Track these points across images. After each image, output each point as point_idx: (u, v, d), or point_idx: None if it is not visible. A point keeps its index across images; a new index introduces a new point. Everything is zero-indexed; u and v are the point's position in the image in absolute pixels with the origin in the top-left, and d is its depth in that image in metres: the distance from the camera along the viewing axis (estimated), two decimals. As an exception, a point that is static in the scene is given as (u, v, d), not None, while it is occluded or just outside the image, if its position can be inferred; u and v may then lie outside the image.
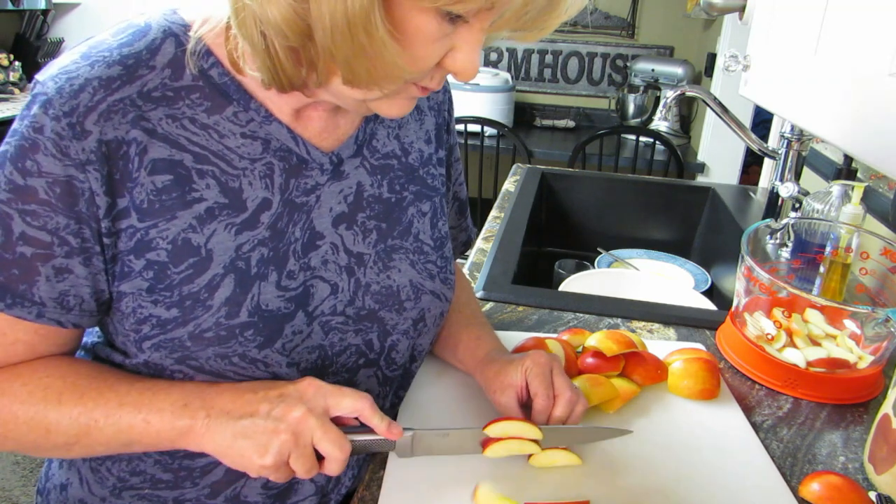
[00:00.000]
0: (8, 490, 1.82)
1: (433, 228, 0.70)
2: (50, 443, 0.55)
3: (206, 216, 0.55)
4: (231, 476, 0.64)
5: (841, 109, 0.65)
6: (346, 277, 0.63)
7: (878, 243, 0.90)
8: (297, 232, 0.60)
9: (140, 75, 0.53)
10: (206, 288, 0.55)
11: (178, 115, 0.54)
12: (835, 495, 0.62)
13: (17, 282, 0.52)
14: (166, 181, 0.54)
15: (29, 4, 2.53)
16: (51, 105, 0.50)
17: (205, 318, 0.55)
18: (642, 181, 1.70)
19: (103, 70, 0.52)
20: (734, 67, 1.00)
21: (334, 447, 0.54)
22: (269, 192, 0.58)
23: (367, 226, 0.64)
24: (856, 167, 1.26)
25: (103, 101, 0.51)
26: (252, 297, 0.57)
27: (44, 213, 0.51)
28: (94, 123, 0.51)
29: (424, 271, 0.68)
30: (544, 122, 3.10)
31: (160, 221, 0.54)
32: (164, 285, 0.55)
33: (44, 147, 0.50)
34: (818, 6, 0.72)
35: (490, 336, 0.78)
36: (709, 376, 0.77)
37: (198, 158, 0.55)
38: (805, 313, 0.88)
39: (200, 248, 0.55)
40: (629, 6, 3.06)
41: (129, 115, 0.52)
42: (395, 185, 0.67)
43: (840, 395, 0.81)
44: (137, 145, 0.53)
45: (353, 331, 0.64)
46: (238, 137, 0.57)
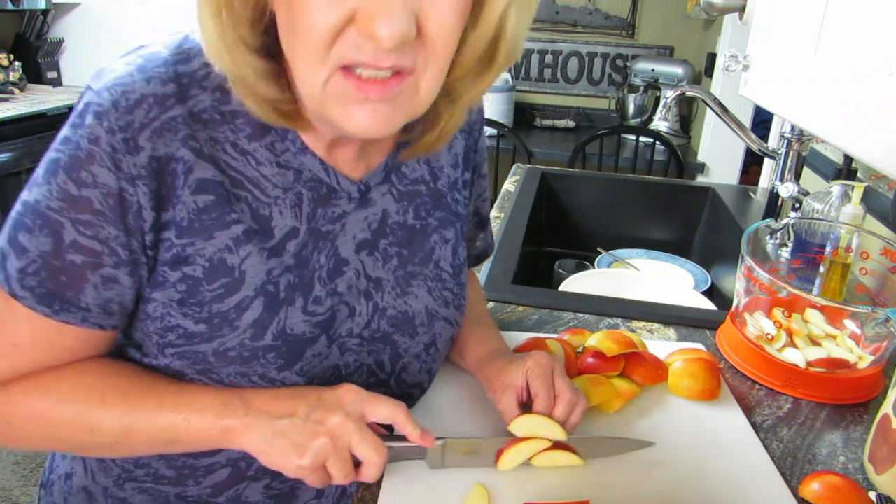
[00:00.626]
0: (8, 490, 1.82)
1: (454, 255, 0.70)
2: (95, 442, 0.57)
3: (242, 238, 0.56)
4: (234, 478, 0.64)
5: (841, 109, 0.65)
6: (365, 302, 0.64)
7: (878, 243, 0.90)
8: (322, 259, 0.61)
9: (192, 95, 0.54)
10: (236, 309, 0.56)
11: (221, 139, 0.55)
12: (835, 495, 0.62)
13: (64, 289, 0.53)
14: (208, 201, 0.55)
15: (29, 4, 2.53)
16: (106, 117, 0.50)
17: (230, 338, 0.56)
18: (642, 181, 1.70)
19: (159, 87, 0.52)
20: (734, 67, 1.00)
21: (372, 451, 0.55)
22: (297, 221, 0.59)
23: (388, 252, 0.65)
24: (856, 167, 1.26)
25: (157, 118, 0.52)
26: (278, 322, 0.58)
27: (97, 223, 0.52)
28: (147, 140, 0.51)
29: (441, 298, 0.68)
30: (544, 122, 3.10)
31: (198, 240, 0.55)
32: (195, 300, 0.56)
33: (100, 159, 0.51)
34: (818, 6, 0.72)
35: (494, 336, 0.78)
36: (709, 377, 0.77)
37: (234, 183, 0.56)
38: (805, 313, 0.88)
39: (234, 269, 0.56)
40: (629, 6, 3.06)
41: (179, 134, 0.53)
42: (422, 211, 0.67)
43: (840, 395, 0.81)
44: (184, 164, 0.53)
45: (366, 351, 0.65)
46: (273, 166, 0.57)
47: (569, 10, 3.11)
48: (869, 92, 0.60)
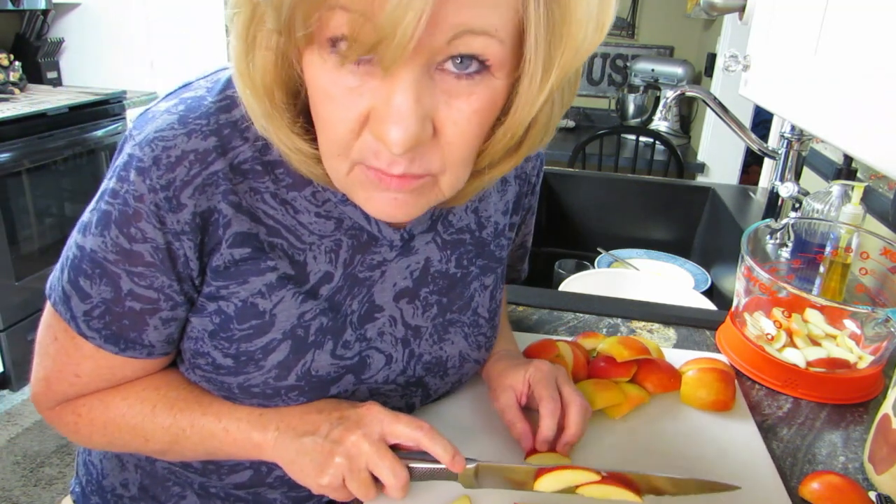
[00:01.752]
0: (8, 490, 1.82)
1: (491, 300, 0.69)
2: (148, 449, 0.61)
3: (276, 284, 0.56)
4: (254, 481, 0.65)
5: (841, 109, 0.65)
6: (402, 349, 0.64)
7: (878, 243, 0.90)
8: (355, 304, 0.61)
9: (234, 147, 0.53)
10: (263, 350, 0.57)
11: (261, 189, 0.55)
12: (835, 495, 0.62)
13: (128, 330, 0.56)
14: (244, 253, 0.55)
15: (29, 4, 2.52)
16: (148, 175, 0.50)
17: (255, 376, 0.58)
18: (642, 181, 1.70)
19: (200, 142, 0.51)
20: (734, 67, 1.00)
21: (388, 473, 0.54)
22: (331, 266, 0.59)
23: (429, 300, 0.64)
24: (856, 167, 1.26)
25: (199, 175, 0.51)
26: (304, 364, 0.58)
27: (150, 275, 0.53)
28: (189, 197, 0.51)
29: (475, 343, 0.68)
30: (544, 122, 3.09)
31: (232, 284, 0.56)
32: (225, 335, 0.57)
33: (146, 216, 0.51)
34: (818, 6, 0.72)
35: (504, 337, 0.77)
36: (723, 387, 0.76)
37: (271, 231, 0.56)
38: (805, 313, 0.88)
39: (266, 313, 0.57)
40: (629, 6, 3.06)
41: (220, 188, 0.53)
42: (464, 259, 0.66)
43: (840, 395, 0.81)
44: (224, 217, 0.53)
45: (398, 395, 0.66)
46: (312, 216, 0.57)
47: (569, 10, 3.11)
48: (869, 92, 0.60)
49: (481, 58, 0.42)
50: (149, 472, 0.68)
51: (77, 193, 2.41)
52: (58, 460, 1.94)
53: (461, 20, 0.39)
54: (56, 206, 2.35)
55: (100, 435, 0.61)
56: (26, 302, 2.21)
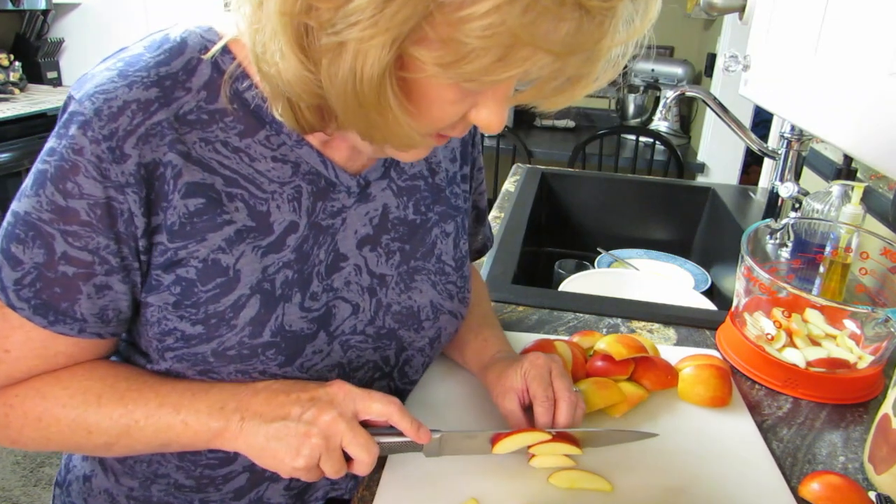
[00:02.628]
0: (8, 490, 1.82)
1: (455, 248, 0.70)
2: (91, 443, 0.57)
3: (235, 238, 0.56)
4: (254, 482, 0.65)
5: (841, 109, 0.65)
6: (368, 298, 0.64)
7: (878, 243, 0.90)
8: (322, 254, 0.60)
9: (176, 97, 0.53)
10: (232, 308, 0.56)
11: (211, 139, 0.54)
12: (835, 495, 0.62)
13: (59, 300, 0.53)
14: (199, 205, 0.54)
15: (29, 4, 2.52)
16: (89, 127, 0.50)
17: (228, 337, 0.56)
18: (642, 181, 1.70)
19: (141, 92, 0.51)
20: (734, 67, 1.00)
21: (362, 451, 0.55)
22: (296, 214, 0.58)
23: (391, 247, 0.65)
24: (856, 167, 1.26)
25: (142, 124, 0.51)
26: (276, 318, 0.58)
27: (85, 234, 0.52)
28: (132, 147, 0.51)
29: (445, 292, 0.69)
30: (544, 122, 3.10)
31: (191, 243, 0.55)
32: (190, 302, 0.56)
33: (84, 169, 0.50)
34: (818, 6, 0.72)
35: (497, 338, 0.77)
36: (720, 383, 0.76)
37: (228, 182, 0.55)
38: (805, 313, 0.88)
39: (229, 269, 0.56)
40: (629, 6, 3.05)
41: (166, 138, 0.52)
42: (421, 206, 0.67)
43: (840, 395, 0.81)
44: (173, 168, 0.53)
45: (371, 348, 0.65)
46: (269, 161, 0.57)
47: (569, 10, 3.11)
48: (869, 92, 0.60)
49: None
50: (144, 500, 0.66)
51: (77, 193, 2.40)
52: (58, 460, 1.93)
53: None
54: (56, 206, 2.35)
55: (32, 429, 0.57)
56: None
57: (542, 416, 0.64)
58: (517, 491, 0.61)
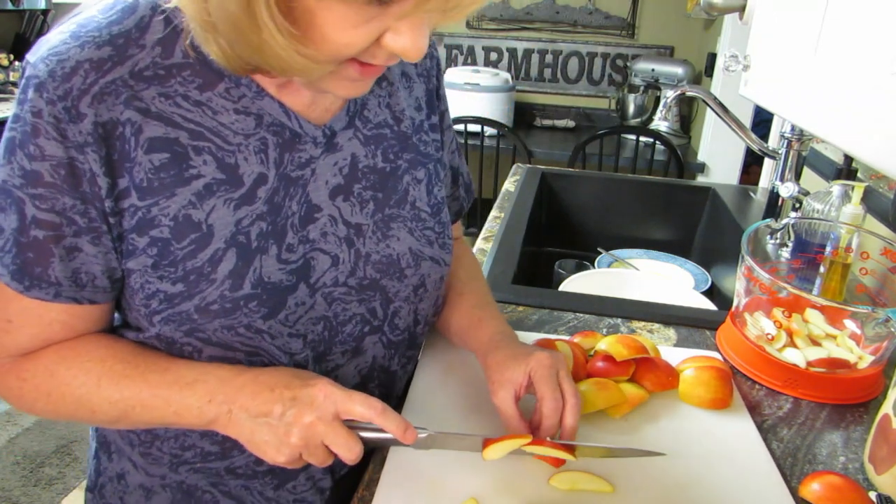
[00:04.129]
0: (8, 490, 1.82)
1: (429, 195, 0.70)
2: (97, 420, 0.60)
3: (204, 192, 0.56)
4: None
5: (841, 109, 0.65)
6: (346, 248, 0.63)
7: (878, 243, 0.90)
8: (294, 206, 0.61)
9: (130, 55, 0.53)
10: (209, 262, 0.57)
11: (171, 94, 0.55)
12: (835, 495, 0.62)
13: (32, 264, 0.54)
14: (164, 159, 0.55)
15: (29, 4, 2.53)
16: (44, 89, 0.51)
17: (209, 292, 0.57)
18: (642, 181, 1.70)
19: (93, 51, 0.52)
20: (734, 67, 1.00)
21: (343, 450, 0.56)
22: (264, 166, 0.59)
23: (363, 196, 0.65)
24: (856, 167, 1.26)
25: (95, 83, 0.52)
26: (254, 270, 0.58)
27: (50, 196, 0.53)
28: (88, 106, 0.51)
29: (423, 238, 0.68)
30: (544, 122, 3.10)
31: (160, 199, 0.55)
32: (167, 261, 0.56)
33: (45, 131, 0.51)
34: (818, 6, 0.72)
35: (493, 317, 0.76)
36: (721, 385, 0.76)
37: (193, 135, 0.56)
38: (805, 313, 0.88)
39: (201, 224, 0.56)
40: (629, 6, 3.06)
41: (121, 96, 0.53)
42: (389, 153, 0.67)
43: (840, 395, 0.81)
44: (132, 125, 0.53)
45: (356, 300, 0.65)
46: (231, 113, 0.57)
47: (569, 10, 3.11)
48: (869, 92, 0.60)
49: None
50: (178, 482, 0.68)
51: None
52: (58, 460, 1.94)
53: None
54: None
55: (44, 402, 0.60)
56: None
57: (550, 418, 0.63)
58: (517, 491, 0.61)
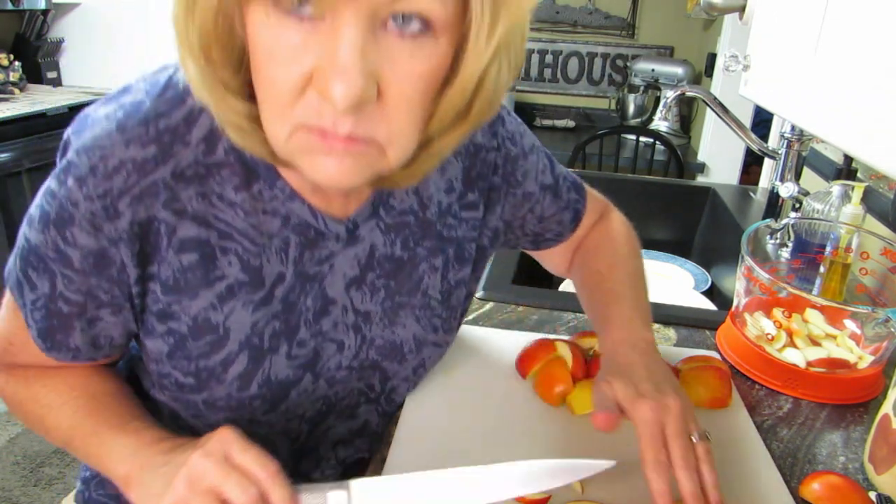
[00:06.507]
0: (8, 490, 1.82)
1: (443, 281, 0.68)
2: (51, 440, 0.62)
3: (226, 294, 0.56)
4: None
5: (841, 109, 0.65)
6: (353, 335, 0.63)
7: (878, 243, 0.90)
8: (309, 301, 0.60)
9: (174, 153, 0.52)
10: (221, 364, 0.57)
11: (208, 193, 0.54)
12: (835, 495, 0.62)
13: (56, 331, 0.56)
14: (192, 260, 0.54)
15: (29, 4, 2.52)
16: (84, 183, 0.50)
17: (217, 390, 0.58)
18: (642, 181, 1.70)
19: (138, 150, 0.50)
20: (734, 67, 1.00)
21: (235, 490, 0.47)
22: (283, 265, 0.58)
23: (375, 284, 0.63)
24: (856, 167, 1.26)
25: (136, 184, 0.51)
26: (263, 371, 0.59)
27: (78, 280, 0.53)
28: (126, 206, 0.51)
29: (429, 325, 0.67)
30: (544, 122, 3.10)
31: (183, 299, 0.55)
32: (182, 353, 0.57)
33: (79, 222, 0.51)
34: (818, 6, 0.72)
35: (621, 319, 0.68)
36: (720, 385, 0.76)
37: (223, 236, 0.55)
38: (805, 313, 0.88)
39: (219, 327, 0.57)
40: (629, 6, 3.06)
41: (161, 197, 0.52)
42: (409, 242, 0.64)
43: (840, 395, 0.81)
44: (167, 225, 0.53)
45: (355, 378, 0.66)
46: (260, 214, 0.56)
47: (569, 10, 3.11)
48: (869, 92, 0.60)
49: (424, 16, 0.41)
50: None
51: (77, 193, 2.40)
52: (58, 460, 1.94)
53: None
54: (56, 206, 2.35)
55: (19, 409, 0.63)
56: (26, 302, 2.21)
57: (656, 483, 0.54)
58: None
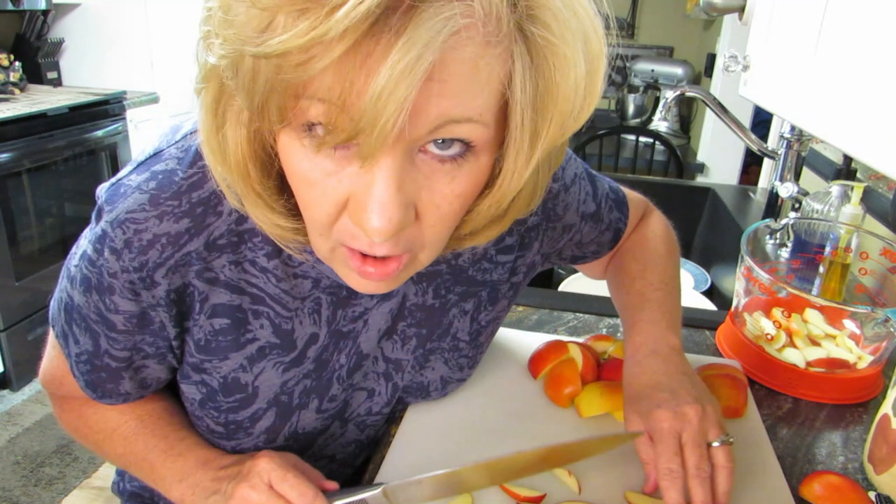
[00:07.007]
0: (8, 490, 1.82)
1: (472, 322, 0.67)
2: (107, 459, 0.66)
3: (257, 356, 0.57)
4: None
5: (841, 109, 0.65)
6: (384, 382, 0.64)
7: (878, 243, 0.90)
8: (343, 359, 0.61)
9: (208, 224, 0.51)
10: (250, 419, 0.59)
11: (241, 260, 0.54)
12: (835, 495, 0.62)
13: (104, 382, 0.59)
14: (224, 324, 0.55)
15: (29, 4, 2.52)
16: (121, 257, 0.50)
17: (245, 441, 0.60)
18: (642, 181, 1.70)
19: (172, 224, 0.50)
20: (734, 67, 1.00)
21: None
22: (316, 326, 0.58)
23: (407, 333, 0.64)
24: (855, 167, 1.26)
25: (171, 257, 0.51)
26: (290, 426, 0.60)
27: (123, 340, 0.55)
28: (162, 277, 0.52)
29: (456, 366, 0.69)
30: (544, 122, 3.09)
31: (214, 360, 0.57)
32: (213, 405, 0.59)
33: (119, 291, 0.52)
34: (818, 6, 0.72)
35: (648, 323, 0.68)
36: (734, 394, 0.74)
37: (255, 300, 0.55)
38: (805, 313, 0.88)
39: (248, 386, 0.58)
40: (629, 6, 3.06)
41: (194, 267, 0.52)
42: (441, 290, 0.64)
43: (840, 395, 0.81)
44: (199, 293, 0.54)
45: (384, 421, 0.68)
46: (291, 279, 0.56)
47: (569, 10, 3.11)
48: (869, 92, 0.60)
49: (465, 140, 0.40)
50: None
51: (77, 194, 2.41)
52: (58, 460, 1.94)
53: (444, 110, 0.37)
54: (56, 207, 2.35)
55: (77, 435, 0.66)
56: (26, 302, 2.21)
57: (668, 493, 0.55)
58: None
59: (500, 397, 0.75)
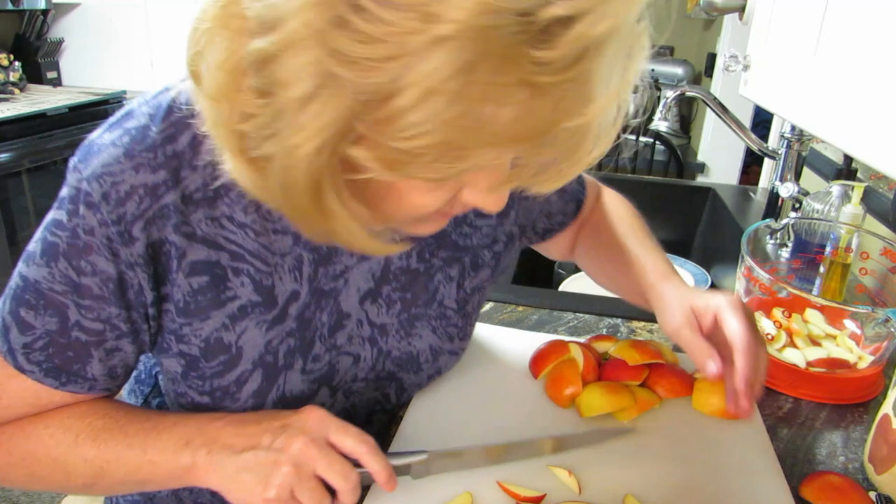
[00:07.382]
0: (8, 490, 1.82)
1: (459, 290, 0.68)
2: (72, 483, 0.57)
3: (238, 314, 0.56)
4: None
5: (841, 109, 0.65)
6: (370, 347, 0.64)
7: (878, 243, 0.90)
8: (325, 317, 0.60)
9: (183, 177, 0.52)
10: (235, 383, 0.57)
11: (217, 216, 0.54)
12: (835, 495, 0.62)
13: (71, 362, 0.54)
14: (203, 282, 0.54)
15: (29, 4, 2.52)
16: (97, 210, 0.50)
17: (233, 409, 0.58)
18: (642, 181, 1.70)
19: (148, 175, 0.50)
20: (734, 67, 1.00)
21: (339, 477, 0.52)
22: (297, 283, 0.58)
23: (391, 297, 0.64)
24: (856, 167, 1.26)
25: (149, 208, 0.51)
26: (277, 388, 0.59)
27: (97, 307, 0.53)
28: (140, 230, 0.51)
29: (445, 335, 0.68)
30: (544, 122, 3.09)
31: (194, 321, 0.55)
32: (196, 374, 0.57)
33: (97, 248, 0.51)
34: (818, 6, 0.72)
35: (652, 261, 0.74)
36: None
37: (234, 257, 0.55)
38: (805, 313, 0.88)
39: (231, 346, 0.57)
40: (629, 6, 3.05)
41: (171, 220, 0.52)
42: (425, 253, 0.65)
43: (840, 395, 0.81)
44: (177, 249, 0.53)
45: (371, 388, 0.66)
46: (271, 234, 0.56)
47: (569, 10, 3.11)
48: (869, 92, 0.60)
49: None
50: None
51: (77, 193, 2.41)
52: (58, 460, 1.94)
53: None
54: (56, 206, 2.35)
55: (19, 468, 0.56)
56: (26, 302, 2.21)
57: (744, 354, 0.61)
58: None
59: (501, 397, 0.75)
